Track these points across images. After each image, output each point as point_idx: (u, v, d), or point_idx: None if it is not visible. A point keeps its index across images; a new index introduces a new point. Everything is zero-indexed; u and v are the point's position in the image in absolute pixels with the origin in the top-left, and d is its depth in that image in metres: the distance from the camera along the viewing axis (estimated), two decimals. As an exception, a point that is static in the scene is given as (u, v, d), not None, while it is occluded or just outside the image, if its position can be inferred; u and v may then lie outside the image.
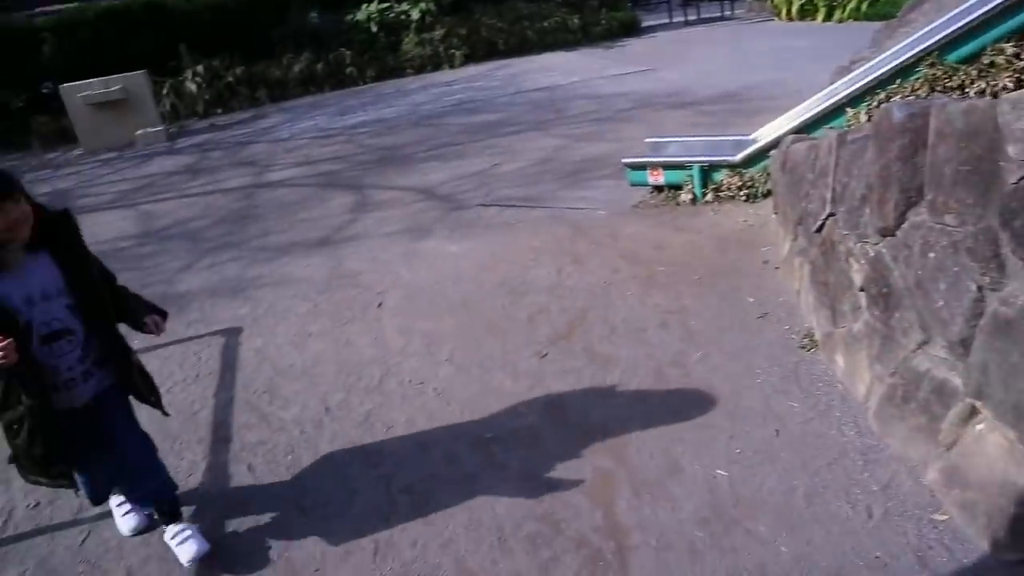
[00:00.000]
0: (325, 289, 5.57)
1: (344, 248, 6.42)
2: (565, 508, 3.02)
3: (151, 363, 3.69)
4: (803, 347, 3.81)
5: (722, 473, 3.09)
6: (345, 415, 3.86)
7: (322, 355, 4.55)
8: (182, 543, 2.89)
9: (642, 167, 6.24)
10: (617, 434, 3.40)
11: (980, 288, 2.54)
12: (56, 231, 2.43)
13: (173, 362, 4.69)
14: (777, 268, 4.66)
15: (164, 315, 2.84)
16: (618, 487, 3.09)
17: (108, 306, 2.61)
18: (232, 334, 5.01)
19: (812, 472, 3.02)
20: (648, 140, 6.73)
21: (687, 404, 3.53)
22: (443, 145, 9.81)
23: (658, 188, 6.31)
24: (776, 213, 5.06)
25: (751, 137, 6.05)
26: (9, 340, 2.19)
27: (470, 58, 16.99)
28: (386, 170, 8.95)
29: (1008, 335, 2.40)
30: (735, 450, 3.20)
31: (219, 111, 14.79)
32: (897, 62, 5.03)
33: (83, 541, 3.16)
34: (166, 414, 3.08)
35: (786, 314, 4.16)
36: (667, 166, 6.11)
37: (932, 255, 2.76)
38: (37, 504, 3.44)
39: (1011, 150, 2.40)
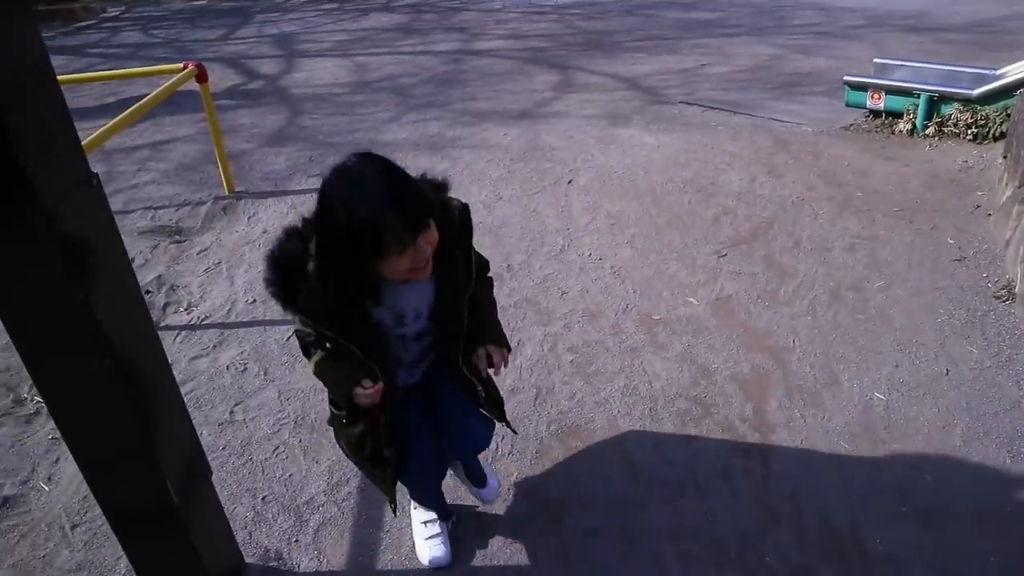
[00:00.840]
0: (520, 159, 5.82)
1: (543, 123, 6.60)
2: (718, 395, 3.18)
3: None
4: (998, 297, 3.66)
5: (880, 397, 3.12)
6: (525, 275, 4.14)
7: (510, 218, 4.84)
8: (431, 538, 2.46)
9: (863, 87, 5.92)
10: (781, 340, 3.48)
11: None
12: (446, 245, 1.80)
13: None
14: (990, 215, 4.41)
15: (507, 350, 2.17)
16: (773, 387, 3.20)
17: (462, 333, 2.09)
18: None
19: (976, 416, 3.00)
20: (876, 60, 6.33)
21: (858, 327, 3.53)
22: (653, 37, 9.62)
23: (875, 113, 5.99)
24: (1005, 157, 4.72)
25: (997, 72, 5.56)
26: (379, 385, 1.87)
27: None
28: (593, 54, 8.95)
29: None
30: (899, 379, 3.21)
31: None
32: None
33: (287, 338, 3.68)
34: (514, 431, 2.71)
35: (987, 262, 3.98)
36: (891, 90, 5.76)
37: None
38: (254, 301, 4.01)
39: None
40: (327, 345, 1.88)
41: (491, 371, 2.16)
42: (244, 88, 8.38)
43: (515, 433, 2.81)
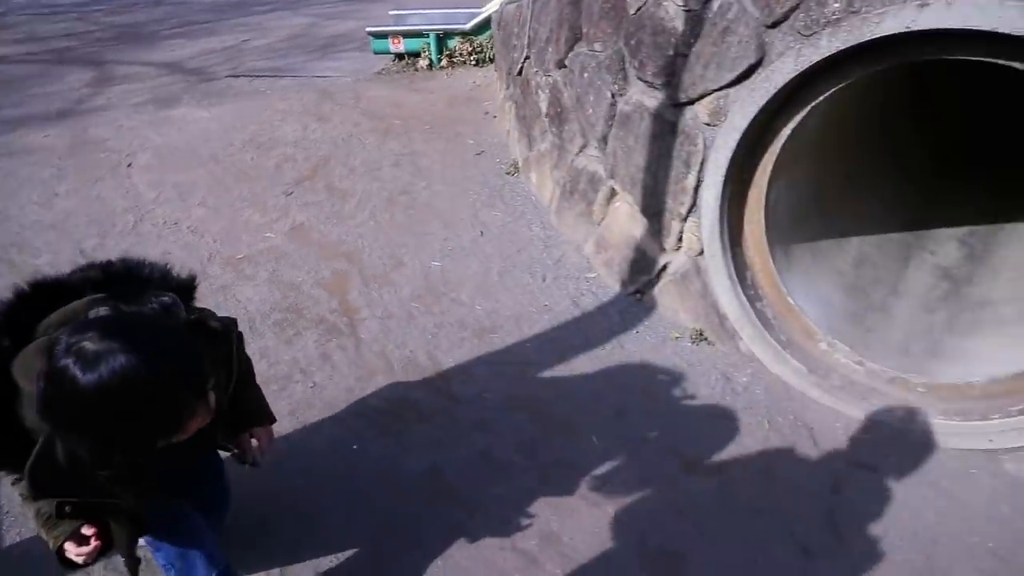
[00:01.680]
0: (69, 155, 5.55)
1: (87, 118, 6.32)
2: (307, 299, 3.60)
3: None
4: (508, 172, 4.60)
5: (436, 264, 3.81)
6: (101, 255, 4.09)
7: (72, 211, 4.68)
8: None
9: (384, 36, 6.69)
10: (351, 245, 4.00)
11: (613, 95, 3.37)
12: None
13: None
14: (495, 117, 5.41)
15: (269, 421, 2.07)
16: (351, 281, 3.72)
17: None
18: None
19: (505, 257, 3.83)
20: (391, 12, 7.15)
21: (411, 220, 4.20)
22: (189, 23, 9.55)
23: (400, 56, 6.81)
24: (497, 70, 5.78)
25: (482, 9, 6.68)
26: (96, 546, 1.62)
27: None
28: (128, 47, 8.63)
29: (626, 126, 3.26)
30: (448, 248, 3.93)
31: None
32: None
33: None
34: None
35: (498, 151, 4.93)
36: (407, 34, 6.61)
37: (586, 75, 3.55)
38: None
39: (630, -12, 3.19)
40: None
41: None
42: None
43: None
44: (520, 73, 4.48)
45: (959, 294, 3.57)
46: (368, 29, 6.78)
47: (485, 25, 6.42)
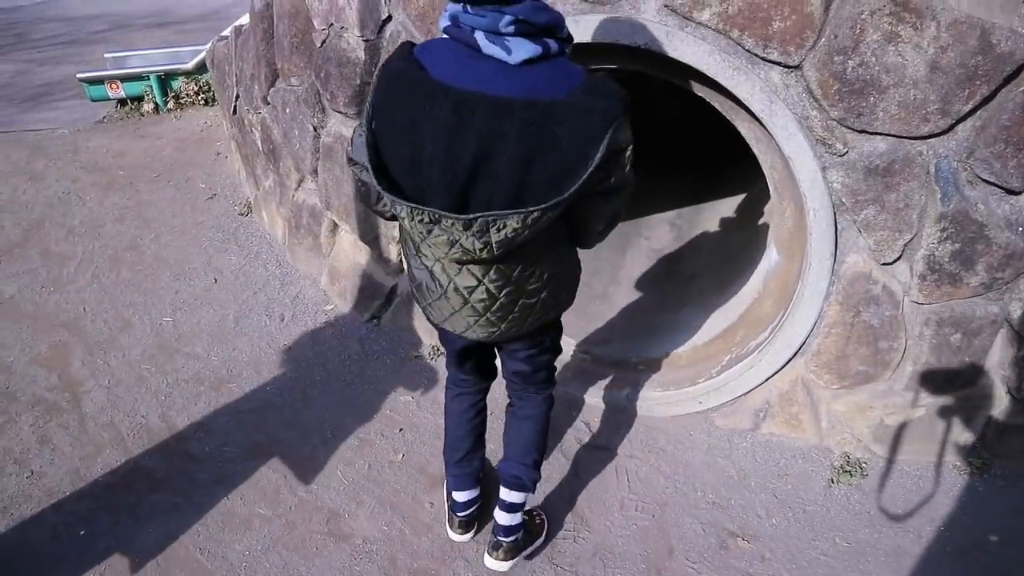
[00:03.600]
0: None
1: None
2: (20, 380, 3.30)
3: None
4: (242, 213, 4.48)
5: (167, 319, 3.63)
6: None
7: None
8: None
9: (100, 81, 6.26)
10: (72, 312, 3.72)
11: (315, 128, 3.38)
12: None
13: None
14: (227, 157, 5.25)
15: None
16: (72, 351, 3.45)
17: None
18: None
19: (241, 302, 3.73)
20: (106, 55, 6.71)
21: (139, 277, 3.97)
22: None
23: (122, 102, 6.41)
24: (222, 109, 5.60)
25: (206, 47, 6.44)
26: None
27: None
28: None
29: (331, 157, 3.28)
30: (180, 300, 3.77)
31: None
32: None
33: None
34: None
35: (231, 192, 4.79)
36: (124, 78, 6.23)
37: (288, 110, 3.53)
38: None
39: (316, 23, 3.21)
40: None
41: None
42: None
43: None
44: (235, 112, 4.38)
45: (669, 272, 3.93)
46: (79, 75, 6.32)
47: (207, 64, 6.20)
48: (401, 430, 3.01)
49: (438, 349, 3.37)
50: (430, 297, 1.89)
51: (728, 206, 4.27)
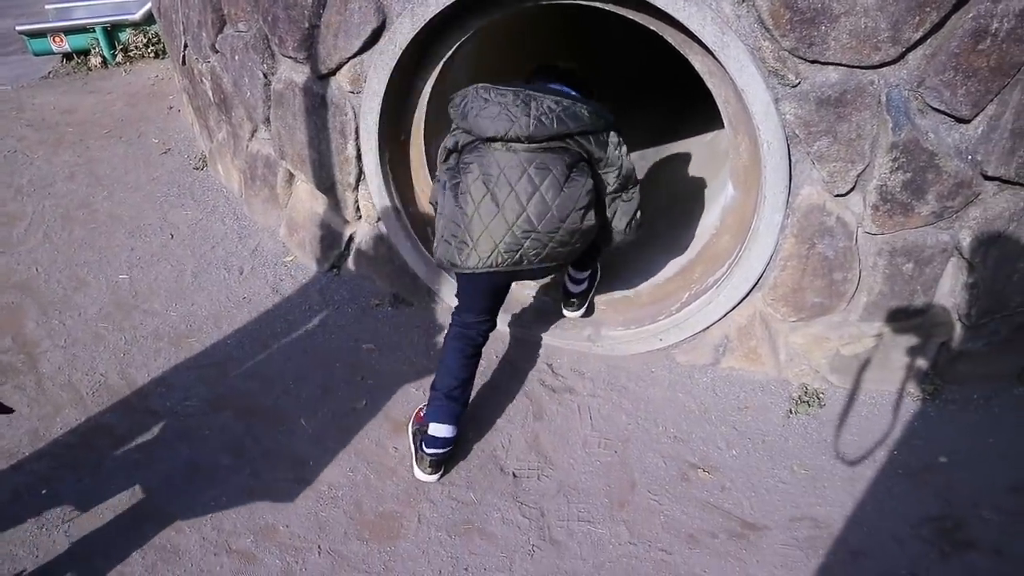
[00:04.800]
0: None
1: None
2: (-28, 344, 3.24)
3: None
4: (197, 168, 4.39)
5: (123, 277, 3.57)
6: None
7: None
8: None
9: (42, 34, 6.03)
10: (24, 273, 3.64)
11: (265, 75, 3.29)
12: None
13: None
14: (179, 110, 5.11)
15: None
16: (26, 312, 3.39)
17: None
18: None
19: (199, 256, 3.67)
20: (48, 6, 6.44)
21: (93, 235, 3.89)
22: None
23: (68, 56, 6.19)
24: (172, 61, 5.44)
25: (153, -5, 6.21)
26: None
27: None
28: None
29: (282, 104, 3.21)
30: (136, 257, 3.70)
31: None
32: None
33: None
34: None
35: (186, 146, 4.68)
36: (68, 31, 6.01)
37: (237, 57, 3.43)
38: None
39: (261, -37, 3.10)
40: None
41: None
42: None
43: None
44: (184, 62, 4.25)
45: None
46: (18, 27, 6.08)
47: (156, 12, 5.99)
48: (363, 378, 3.01)
49: (398, 296, 3.36)
50: None
51: (689, 145, 4.26)
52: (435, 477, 2.57)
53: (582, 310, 3.15)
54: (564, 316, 3.19)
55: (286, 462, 2.67)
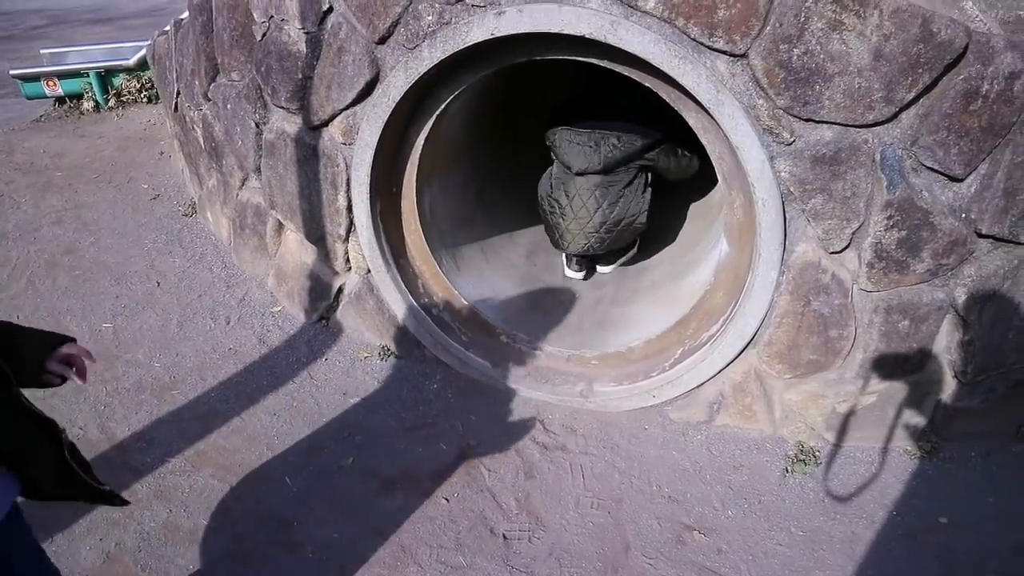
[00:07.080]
0: None
1: None
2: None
3: None
4: (186, 214, 4.35)
5: (107, 325, 3.50)
6: None
7: None
8: None
9: (36, 78, 6.03)
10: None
11: (257, 124, 3.27)
12: None
13: None
14: (170, 156, 5.09)
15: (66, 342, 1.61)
16: (5, 363, 3.30)
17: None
18: None
19: (185, 305, 3.61)
20: (43, 51, 6.47)
21: (77, 282, 3.83)
22: None
23: (60, 100, 6.19)
24: (164, 107, 5.44)
25: (148, 42, 6.24)
26: None
27: None
28: None
29: (273, 154, 3.19)
30: (120, 305, 3.63)
31: None
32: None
33: None
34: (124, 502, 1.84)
35: (175, 192, 4.64)
36: (62, 75, 6.02)
37: (229, 106, 3.42)
38: None
39: (256, 15, 3.11)
40: None
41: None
42: None
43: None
44: (176, 109, 4.24)
45: (622, 265, 3.90)
46: (12, 72, 6.08)
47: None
48: (350, 434, 2.94)
49: (387, 349, 3.30)
50: None
51: (683, 199, 4.26)
52: (581, 275, 3.72)
53: (614, 266, 3.87)
54: (596, 271, 3.87)
55: (269, 524, 2.58)
